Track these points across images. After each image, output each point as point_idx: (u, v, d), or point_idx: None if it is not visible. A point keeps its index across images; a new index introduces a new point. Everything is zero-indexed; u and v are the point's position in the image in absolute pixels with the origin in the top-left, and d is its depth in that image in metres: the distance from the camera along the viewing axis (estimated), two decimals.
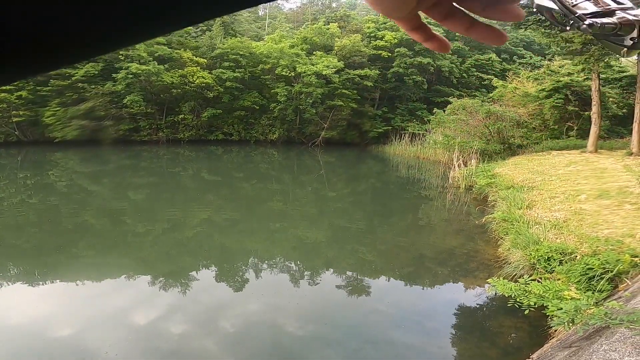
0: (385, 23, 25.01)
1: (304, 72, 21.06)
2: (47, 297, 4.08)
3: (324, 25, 24.32)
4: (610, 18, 0.38)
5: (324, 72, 20.95)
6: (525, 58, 26.71)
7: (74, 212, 7.70)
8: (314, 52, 22.54)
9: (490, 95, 17.93)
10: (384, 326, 3.69)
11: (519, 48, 28.09)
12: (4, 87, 17.84)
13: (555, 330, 3.14)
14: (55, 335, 3.30)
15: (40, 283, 4.38)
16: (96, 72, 19.33)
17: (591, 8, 0.39)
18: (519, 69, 22.12)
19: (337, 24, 24.86)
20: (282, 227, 7.29)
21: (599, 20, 0.38)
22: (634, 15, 0.38)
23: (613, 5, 0.39)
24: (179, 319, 3.66)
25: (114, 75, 19.38)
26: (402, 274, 5.05)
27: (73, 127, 18.86)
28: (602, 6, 0.39)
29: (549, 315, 3.05)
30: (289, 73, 21.65)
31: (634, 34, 0.38)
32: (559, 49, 12.24)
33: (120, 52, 19.29)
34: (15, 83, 18.17)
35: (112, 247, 5.67)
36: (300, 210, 8.84)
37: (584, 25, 0.37)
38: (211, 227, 7.01)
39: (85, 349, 3.09)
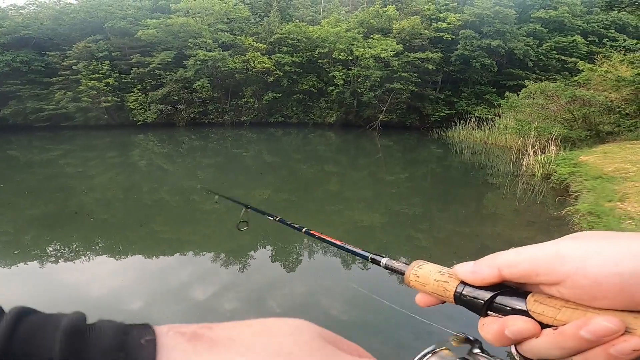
0: (447, 4, 23.49)
1: (362, 56, 20.60)
2: (127, 270, 4.51)
3: (381, 7, 23.38)
4: None
5: (382, 55, 20.27)
6: (618, 41, 23.66)
7: (153, 189, 8.54)
8: (371, 36, 21.88)
9: (575, 78, 16.06)
10: (435, 318, 3.59)
11: (610, 30, 24.97)
12: (93, 75, 20.16)
13: None
14: (128, 308, 3.62)
15: (123, 256, 4.87)
16: (170, 60, 20.89)
17: None
18: (610, 52, 19.53)
19: (394, 6, 23.77)
20: (337, 209, 7.35)
21: None
22: None
23: None
24: (233, 296, 3.90)
25: (184, 62, 20.77)
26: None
27: (152, 111, 20.82)
28: None
29: None
30: (346, 57, 21.33)
31: None
32: None
33: (189, 40, 20.58)
34: (103, 71, 20.43)
35: (183, 224, 6.20)
36: (356, 193, 8.81)
37: None
38: (270, 207, 7.30)
39: (151, 322, 3.46)
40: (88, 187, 8.33)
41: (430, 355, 0.35)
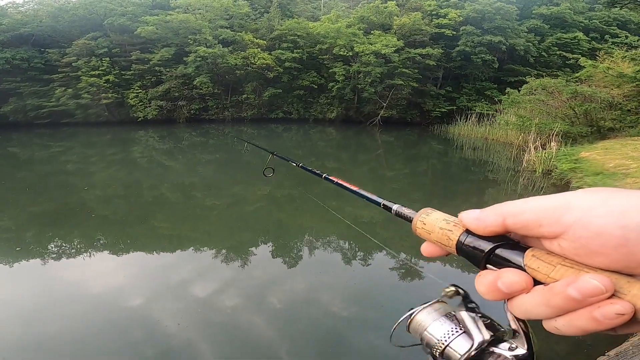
0: (448, 0, 23.40)
1: (362, 52, 20.53)
2: (128, 267, 4.51)
3: (382, 3, 23.27)
4: None
5: (382, 51, 20.20)
6: (620, 37, 23.59)
7: (154, 185, 8.55)
8: (372, 32, 21.80)
9: (577, 75, 16.06)
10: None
11: (612, 27, 24.95)
12: (93, 72, 20.13)
13: None
14: (128, 305, 3.59)
15: (124, 253, 4.85)
16: (170, 56, 20.84)
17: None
18: (612, 49, 19.50)
19: (395, 2, 23.67)
20: (338, 205, 7.36)
21: None
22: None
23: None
24: (233, 293, 3.90)
25: (184, 58, 20.72)
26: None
27: (152, 108, 20.80)
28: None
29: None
30: (347, 53, 21.26)
31: None
32: None
33: (189, 36, 20.52)
34: (103, 68, 20.40)
35: (183, 220, 6.22)
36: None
37: None
38: (270, 203, 7.33)
39: (152, 318, 3.47)
40: (89, 184, 8.34)
41: (424, 307, 0.39)
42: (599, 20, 25.11)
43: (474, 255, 0.32)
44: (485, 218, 0.31)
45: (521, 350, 0.33)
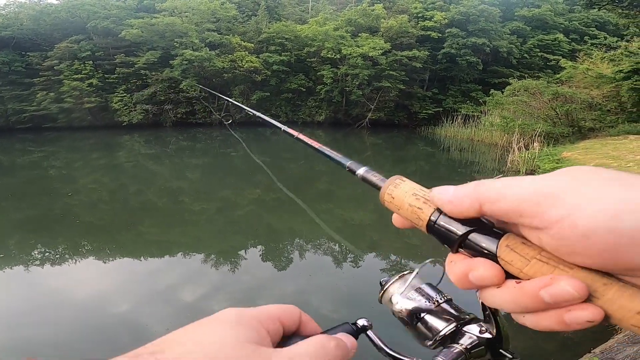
0: (434, 3, 23.77)
1: (350, 54, 20.67)
2: (114, 273, 4.44)
3: (369, 6, 23.51)
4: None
5: (370, 54, 20.38)
6: (599, 39, 24.32)
7: (140, 191, 8.42)
8: (359, 34, 21.98)
9: (558, 76, 16.50)
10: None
11: (591, 28, 25.71)
12: (76, 76, 19.73)
13: None
14: (116, 311, 3.52)
15: (110, 259, 4.77)
16: (156, 60, 20.57)
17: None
18: (592, 50, 20.10)
19: (382, 4, 23.94)
20: (327, 208, 7.38)
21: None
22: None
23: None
24: (222, 297, 3.86)
25: (171, 62, 20.49)
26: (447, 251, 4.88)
27: (138, 112, 20.47)
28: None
29: None
30: (335, 55, 21.37)
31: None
32: (638, 30, 10.80)
33: (175, 39, 20.32)
34: (86, 72, 20.02)
35: (172, 225, 6.13)
36: (346, 191, 8.85)
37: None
38: (260, 207, 7.29)
39: (139, 324, 3.41)
40: (73, 190, 8.16)
41: (398, 278, 0.40)
42: (578, 22, 25.82)
43: (447, 238, 0.30)
44: (460, 202, 0.29)
45: (489, 334, 0.34)
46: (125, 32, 19.80)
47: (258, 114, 1.05)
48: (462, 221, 0.29)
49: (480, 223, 0.29)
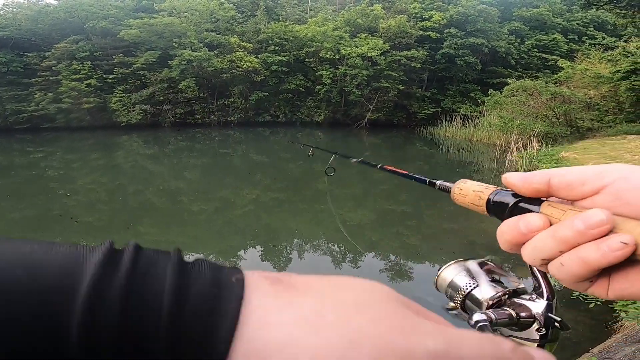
0: (432, 3, 23.83)
1: (349, 55, 20.72)
2: None
3: (368, 6, 23.55)
4: (503, 310, 0.36)
5: (369, 54, 20.44)
6: (597, 39, 24.48)
7: (139, 191, 8.41)
8: (358, 34, 22.03)
9: (556, 76, 16.58)
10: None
11: (589, 28, 25.84)
12: (74, 76, 19.71)
13: (622, 326, 2.89)
14: None
15: None
16: (154, 60, 20.56)
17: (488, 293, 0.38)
18: (589, 50, 20.17)
19: (380, 5, 23.99)
20: (326, 208, 7.38)
21: (486, 316, 0.35)
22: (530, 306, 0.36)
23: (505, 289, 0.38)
24: None
25: (169, 62, 20.48)
26: (448, 260, 4.90)
27: (137, 112, 20.47)
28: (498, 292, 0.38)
29: (616, 310, 2.80)
30: (333, 55, 21.41)
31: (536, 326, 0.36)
32: (636, 30, 10.84)
33: (174, 40, 20.31)
34: (84, 72, 19.99)
35: (171, 225, 6.13)
36: (344, 191, 8.86)
37: (472, 322, 0.34)
38: (259, 207, 7.29)
39: None
40: (71, 190, 8.14)
41: (449, 265, 0.45)
42: (576, 22, 25.91)
43: (501, 210, 0.35)
44: (532, 176, 0.33)
45: (540, 303, 0.36)
46: (123, 32, 19.79)
47: (360, 159, 1.13)
48: (515, 195, 0.34)
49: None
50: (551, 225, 0.31)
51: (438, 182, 0.54)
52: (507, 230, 0.32)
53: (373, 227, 6.32)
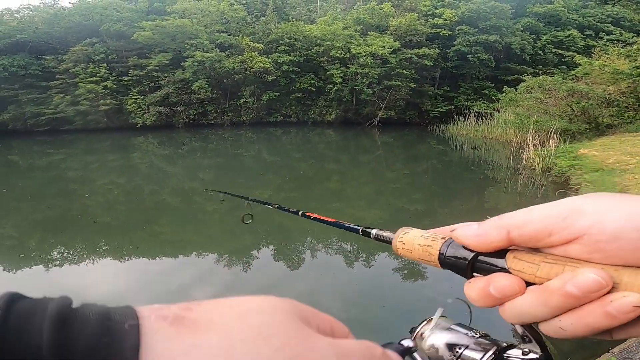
0: (442, 0, 23.53)
1: (359, 53, 20.64)
2: (130, 272, 4.52)
3: (377, 5, 23.39)
4: None
5: (379, 53, 20.31)
6: (614, 34, 23.76)
7: (155, 191, 8.56)
8: (368, 33, 21.92)
9: (573, 72, 16.17)
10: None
11: (607, 24, 25.11)
12: (91, 78, 20.16)
13: None
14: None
15: (126, 259, 4.86)
16: (167, 62, 20.89)
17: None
18: (607, 46, 19.64)
19: (390, 3, 23.81)
20: (338, 207, 7.38)
21: None
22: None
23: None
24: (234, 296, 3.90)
25: (182, 63, 20.77)
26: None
27: (151, 113, 20.84)
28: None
29: None
30: (344, 54, 21.37)
31: None
32: None
33: (186, 41, 20.58)
34: (100, 74, 20.44)
35: (185, 225, 6.23)
36: (357, 190, 8.84)
37: None
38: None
39: None
40: (90, 191, 8.35)
41: (426, 323, 0.39)
42: (592, 18, 25.25)
43: (458, 266, 0.31)
44: (487, 234, 0.29)
45: (535, 355, 0.31)
46: (137, 34, 20.15)
47: (277, 205, 1.00)
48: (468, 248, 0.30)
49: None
50: (526, 282, 0.27)
51: (373, 231, 0.48)
52: (478, 298, 0.29)
53: (385, 226, 6.27)
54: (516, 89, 14.96)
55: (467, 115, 19.33)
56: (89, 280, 4.31)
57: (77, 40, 21.02)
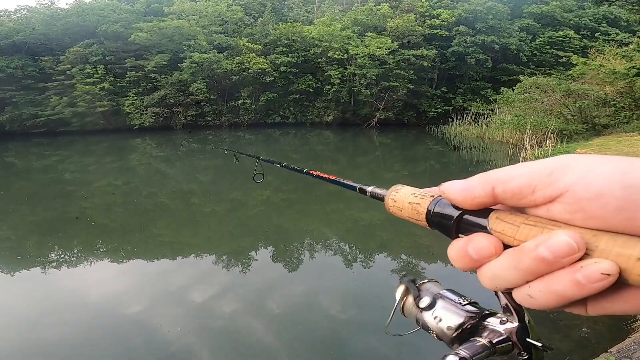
0: (440, 1, 23.65)
1: (357, 54, 20.71)
2: (127, 274, 4.50)
3: (375, 6, 23.47)
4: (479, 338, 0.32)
5: (377, 54, 20.37)
6: (611, 35, 23.97)
7: (153, 193, 8.54)
8: (366, 34, 21.99)
9: (569, 73, 16.28)
10: None
11: (603, 25, 25.38)
12: (88, 80, 20.11)
13: None
14: (129, 312, 3.57)
15: (124, 261, 4.83)
16: (165, 63, 20.85)
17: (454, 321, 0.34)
18: (603, 46, 19.79)
19: (388, 4, 23.90)
20: (337, 208, 7.38)
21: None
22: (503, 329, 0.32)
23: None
24: (233, 298, 3.89)
25: (179, 65, 20.74)
26: None
27: (149, 115, 20.79)
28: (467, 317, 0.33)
29: None
30: (342, 55, 21.41)
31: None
32: None
33: (184, 42, 20.56)
34: (97, 75, 20.38)
35: (183, 227, 6.21)
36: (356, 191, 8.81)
37: None
38: (269, 208, 7.33)
39: (152, 324, 3.47)
40: (88, 192, 8.32)
41: (421, 283, 0.40)
42: (589, 18, 25.42)
43: (445, 225, 0.30)
44: (472, 188, 0.28)
45: (512, 324, 0.32)
46: (134, 35, 20.11)
47: (284, 164, 1.10)
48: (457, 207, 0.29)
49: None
50: (504, 244, 0.26)
51: (369, 188, 0.48)
52: (457, 258, 0.28)
53: (384, 226, 6.29)
54: (513, 90, 15.05)
55: (465, 116, 19.39)
56: (86, 282, 4.29)
57: (74, 41, 20.96)
